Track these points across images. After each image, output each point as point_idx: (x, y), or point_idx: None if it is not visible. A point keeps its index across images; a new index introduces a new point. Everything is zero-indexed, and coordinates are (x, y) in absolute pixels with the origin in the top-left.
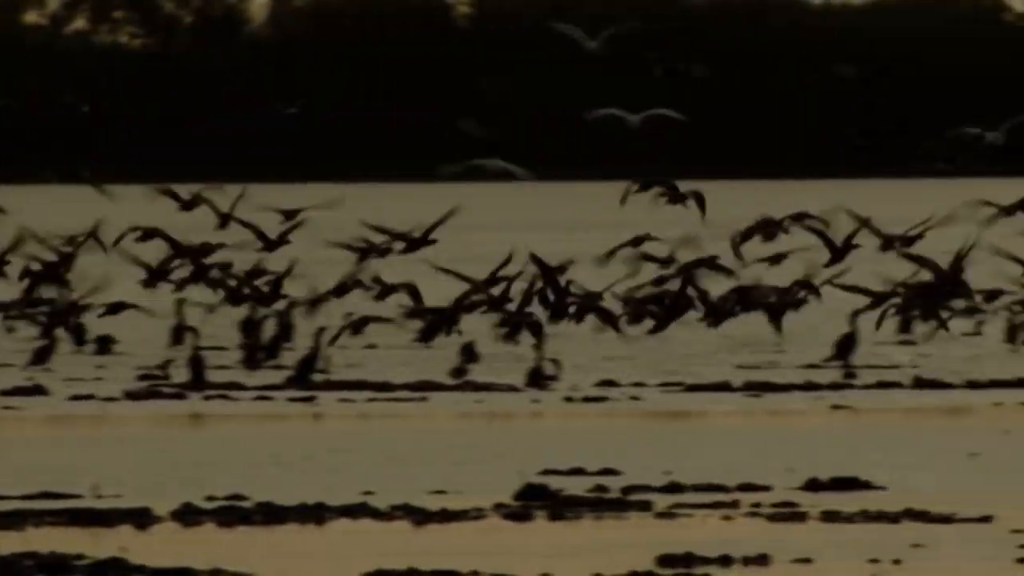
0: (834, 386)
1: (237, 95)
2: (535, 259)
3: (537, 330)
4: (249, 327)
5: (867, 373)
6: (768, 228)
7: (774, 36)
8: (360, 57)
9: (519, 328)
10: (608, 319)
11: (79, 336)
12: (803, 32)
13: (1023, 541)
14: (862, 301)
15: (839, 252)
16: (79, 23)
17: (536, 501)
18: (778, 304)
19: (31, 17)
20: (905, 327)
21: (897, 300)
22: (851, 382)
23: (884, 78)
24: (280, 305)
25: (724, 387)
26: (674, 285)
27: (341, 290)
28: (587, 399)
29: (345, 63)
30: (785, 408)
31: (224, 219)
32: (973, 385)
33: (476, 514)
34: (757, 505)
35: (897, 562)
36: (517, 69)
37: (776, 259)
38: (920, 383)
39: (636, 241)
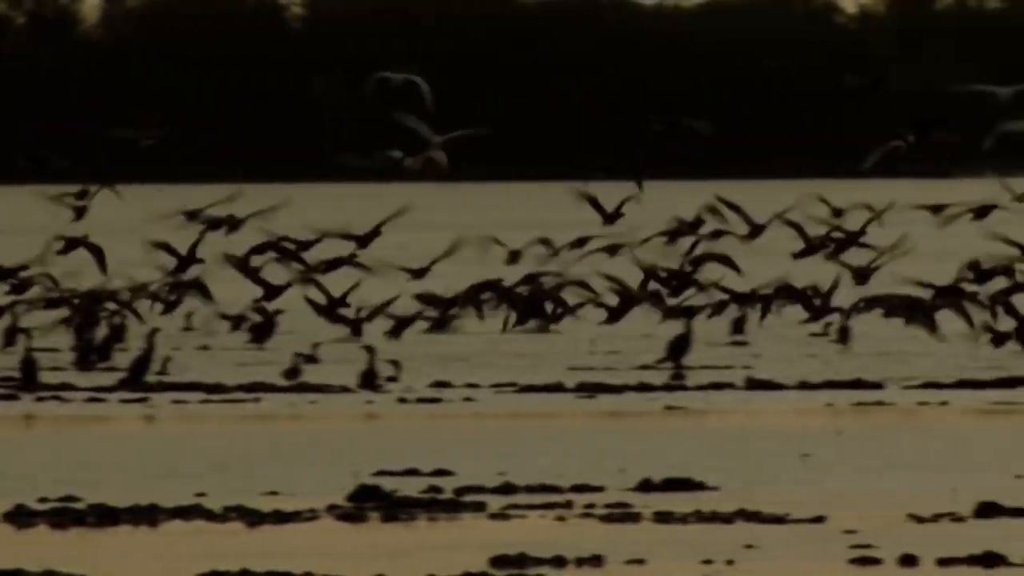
0: (667, 387)
1: (69, 95)
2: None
3: (358, 330)
4: (81, 329)
5: (700, 374)
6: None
7: (608, 38)
8: (193, 57)
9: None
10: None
11: None
12: (636, 34)
13: (855, 541)
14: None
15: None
16: None
17: (370, 502)
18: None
19: None
20: (737, 328)
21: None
22: (684, 383)
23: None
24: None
25: (557, 388)
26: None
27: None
28: (421, 400)
29: (179, 64)
30: (618, 409)
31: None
32: (805, 386)
33: (310, 515)
34: (591, 506)
35: (730, 562)
36: (350, 69)
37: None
38: (753, 384)
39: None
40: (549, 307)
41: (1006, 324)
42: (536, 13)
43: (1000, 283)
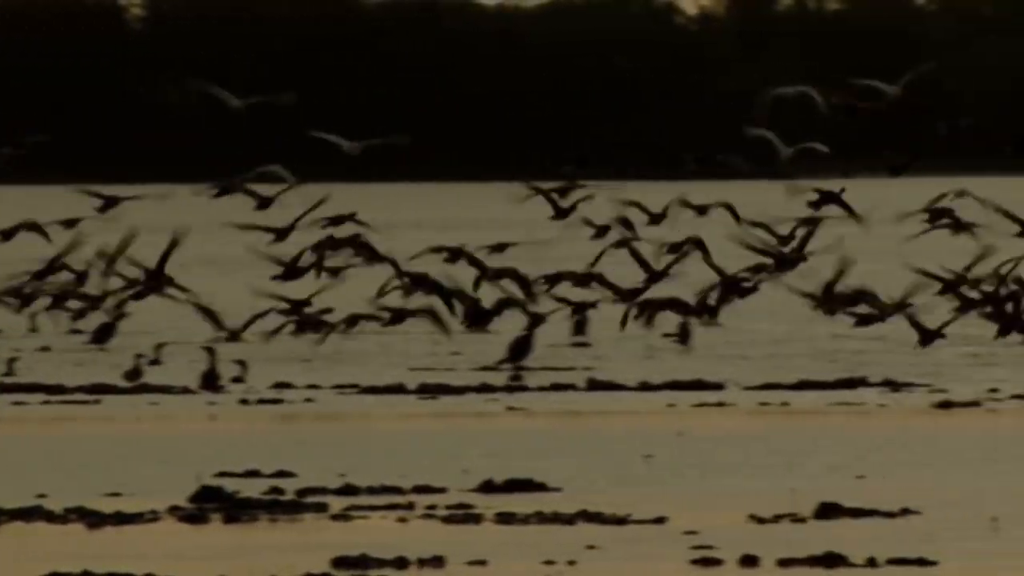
0: (509, 388)
1: None
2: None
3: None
4: None
5: (541, 375)
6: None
7: (448, 39)
8: (29, 58)
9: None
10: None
11: None
12: (477, 36)
13: (696, 542)
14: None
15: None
16: None
17: (211, 503)
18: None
19: None
20: (579, 329)
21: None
22: (526, 384)
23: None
24: None
25: (399, 389)
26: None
27: None
28: (262, 401)
29: (15, 64)
30: (460, 410)
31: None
32: (646, 387)
33: (151, 516)
34: (432, 507)
35: (572, 563)
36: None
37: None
38: (594, 385)
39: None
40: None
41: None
42: (377, 14)
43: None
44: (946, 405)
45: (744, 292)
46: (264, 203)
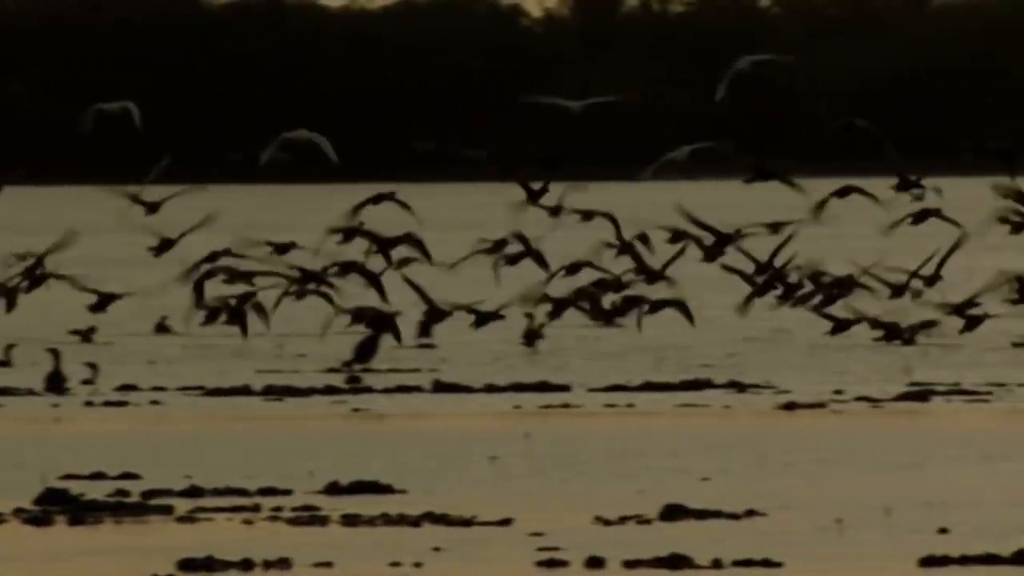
0: (354, 390)
1: None
2: None
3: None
4: None
5: (387, 377)
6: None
7: (293, 39)
8: None
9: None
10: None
11: None
12: (323, 37)
13: (542, 544)
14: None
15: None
16: None
17: (56, 506)
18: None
19: None
20: (424, 331)
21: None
22: (371, 386)
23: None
24: None
25: (244, 391)
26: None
27: None
28: (107, 403)
29: None
30: (306, 412)
31: None
32: (492, 389)
33: None
34: (278, 509)
35: (418, 565)
36: (37, 71)
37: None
38: (440, 387)
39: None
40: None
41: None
42: (222, 15)
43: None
44: (791, 407)
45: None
46: (152, 208)
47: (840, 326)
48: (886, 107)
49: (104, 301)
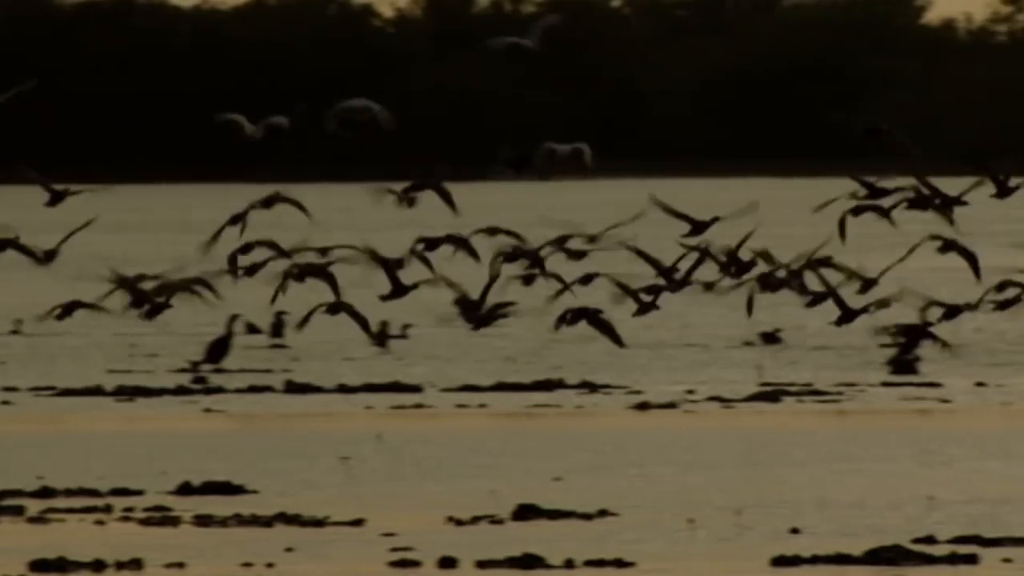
0: (207, 390)
1: None
2: None
3: None
4: None
5: (239, 377)
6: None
7: (142, 38)
8: None
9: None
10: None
11: None
12: (172, 36)
13: (394, 544)
14: None
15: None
16: None
17: None
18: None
19: None
20: (276, 332)
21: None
22: (223, 386)
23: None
24: None
25: (96, 391)
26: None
27: None
28: None
29: None
30: (157, 412)
31: None
32: (344, 389)
33: None
34: (130, 509)
35: (270, 565)
36: None
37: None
38: (292, 387)
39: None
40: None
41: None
42: (70, 13)
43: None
44: (643, 407)
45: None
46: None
47: (848, 316)
48: (734, 106)
49: None
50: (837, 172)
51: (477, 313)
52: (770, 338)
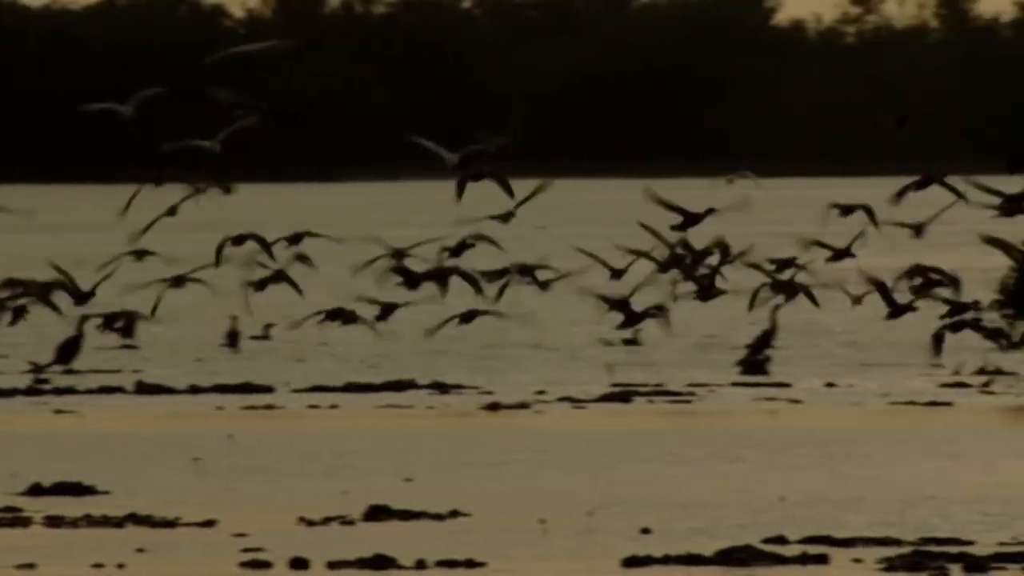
0: (57, 391)
1: None
2: None
3: None
4: None
5: (90, 378)
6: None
7: None
8: None
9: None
10: None
11: None
12: (24, 35)
13: (245, 545)
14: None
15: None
16: None
17: None
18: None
19: None
20: (127, 333)
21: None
22: (74, 387)
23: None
24: None
25: None
26: None
27: None
28: None
29: None
30: (7, 413)
31: None
32: (196, 390)
33: None
34: None
35: (121, 566)
36: None
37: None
38: (143, 388)
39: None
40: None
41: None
42: None
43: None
44: (494, 407)
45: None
46: None
47: (897, 311)
48: (584, 106)
49: None
50: (681, 173)
51: (628, 314)
52: (628, 339)
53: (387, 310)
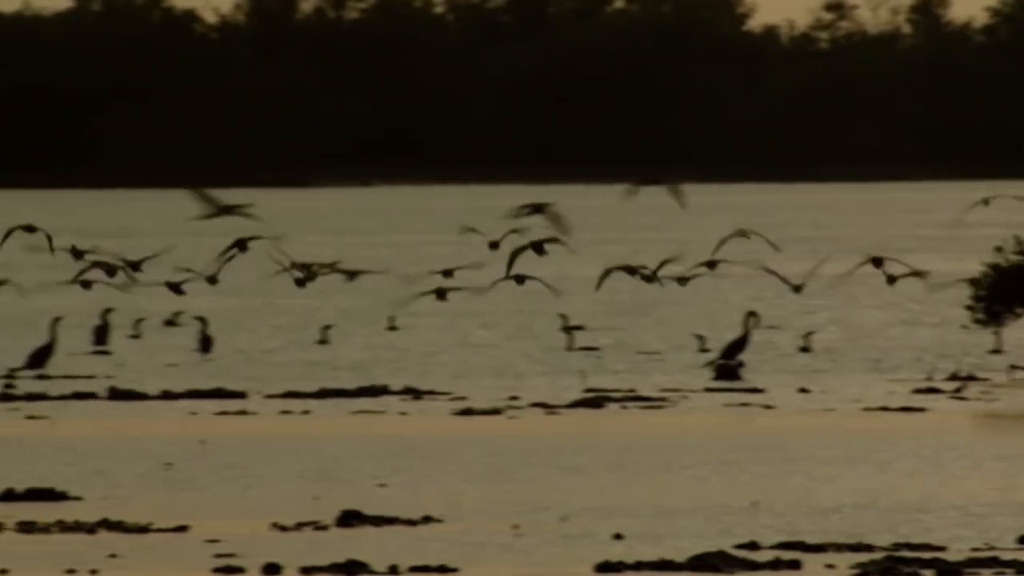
0: (29, 396)
1: None
2: None
3: None
4: None
5: (62, 383)
6: None
7: None
8: None
9: None
10: None
11: None
12: None
13: (218, 550)
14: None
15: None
16: None
17: None
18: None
19: None
20: (100, 338)
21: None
22: (46, 392)
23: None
24: None
25: None
26: None
27: None
28: None
29: None
30: None
31: None
32: (168, 395)
33: None
34: None
35: (94, 572)
36: None
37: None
38: (116, 394)
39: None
40: None
41: None
42: None
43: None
44: (467, 412)
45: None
46: None
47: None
48: (551, 111)
49: None
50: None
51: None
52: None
53: None
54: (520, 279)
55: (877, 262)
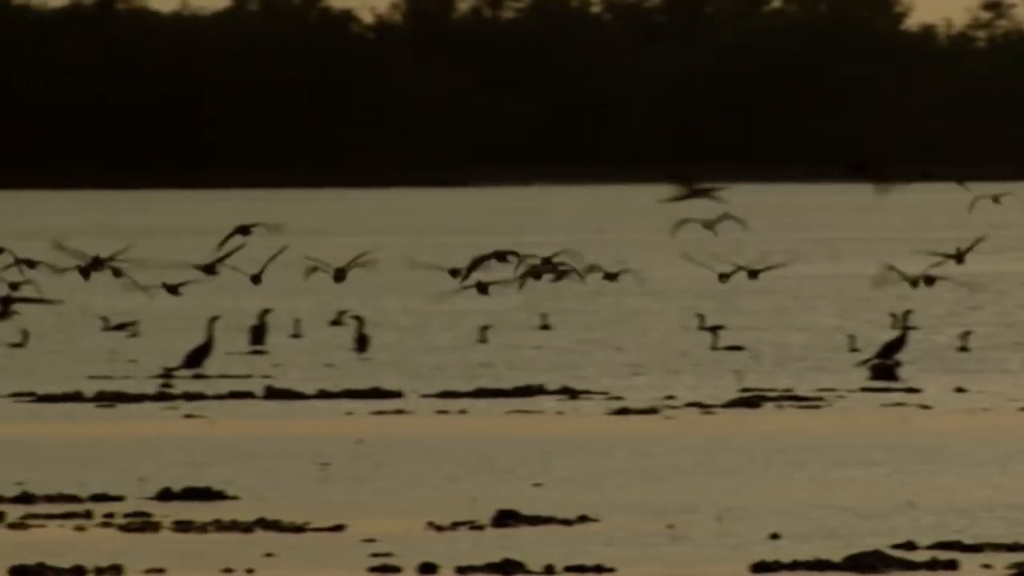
0: (187, 396)
1: None
2: None
3: None
4: None
5: (219, 383)
6: None
7: (121, 42)
8: None
9: None
10: None
11: None
12: (151, 40)
13: (374, 550)
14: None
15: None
16: None
17: None
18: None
19: None
20: (257, 338)
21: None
22: (204, 392)
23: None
24: None
25: (76, 397)
26: None
27: None
28: None
29: None
30: (137, 418)
31: None
32: (325, 395)
33: None
34: (110, 515)
35: (250, 571)
36: None
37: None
38: (272, 393)
39: None
40: None
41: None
42: (49, 16)
43: None
44: (623, 412)
45: None
46: None
47: None
48: (708, 110)
49: None
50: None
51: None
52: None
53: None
54: (612, 276)
55: None
